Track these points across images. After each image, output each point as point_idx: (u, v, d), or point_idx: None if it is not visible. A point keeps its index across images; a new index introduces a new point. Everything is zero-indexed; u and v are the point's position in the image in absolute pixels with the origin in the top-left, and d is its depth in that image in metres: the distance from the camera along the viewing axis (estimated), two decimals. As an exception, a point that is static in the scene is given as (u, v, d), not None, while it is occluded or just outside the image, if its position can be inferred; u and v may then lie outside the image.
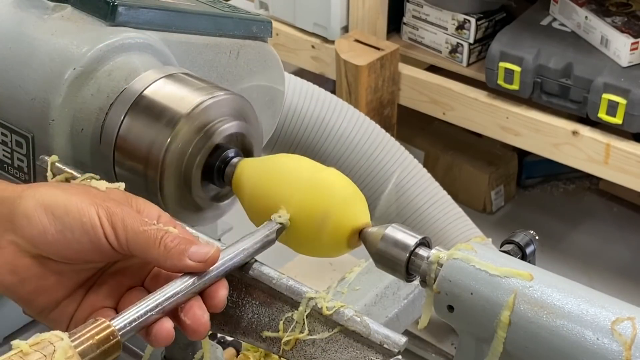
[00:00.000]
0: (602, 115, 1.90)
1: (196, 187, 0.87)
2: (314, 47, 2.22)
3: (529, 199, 2.38)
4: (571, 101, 1.96)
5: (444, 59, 2.19)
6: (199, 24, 0.99)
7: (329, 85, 2.09)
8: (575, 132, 1.95)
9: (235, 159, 0.87)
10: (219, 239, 0.79)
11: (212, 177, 0.87)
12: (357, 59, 2.06)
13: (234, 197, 0.91)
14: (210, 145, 0.86)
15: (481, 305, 0.70)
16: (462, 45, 2.13)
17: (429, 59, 2.22)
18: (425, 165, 1.76)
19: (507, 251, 0.81)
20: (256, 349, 1.06)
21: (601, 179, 2.21)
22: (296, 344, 0.73)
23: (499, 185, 2.32)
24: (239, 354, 1.09)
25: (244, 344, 1.07)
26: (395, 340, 0.70)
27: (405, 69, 2.15)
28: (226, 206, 0.92)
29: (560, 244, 2.21)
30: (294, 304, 0.74)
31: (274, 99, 1.09)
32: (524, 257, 0.81)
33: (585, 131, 1.95)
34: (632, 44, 1.91)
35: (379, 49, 2.10)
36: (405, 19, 2.23)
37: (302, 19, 2.22)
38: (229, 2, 1.14)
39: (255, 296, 0.76)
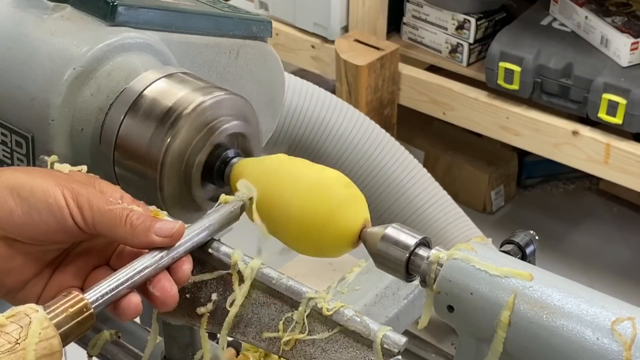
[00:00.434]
0: (602, 115, 1.90)
1: (196, 187, 0.87)
2: (314, 47, 2.22)
3: (529, 199, 2.38)
4: (571, 101, 1.96)
5: (444, 59, 2.19)
6: (199, 24, 0.98)
7: (329, 85, 2.09)
8: (575, 132, 1.95)
9: (235, 159, 0.87)
10: (219, 239, 0.79)
11: (211, 177, 0.87)
12: (357, 59, 2.06)
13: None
14: (210, 145, 0.86)
15: (481, 305, 0.70)
16: (462, 45, 2.13)
17: (429, 59, 2.22)
18: (425, 165, 1.76)
19: (507, 251, 0.81)
20: (256, 349, 1.06)
21: (601, 179, 2.21)
22: (296, 344, 0.73)
23: (499, 185, 2.32)
24: (239, 354, 1.09)
25: (243, 344, 1.07)
26: (395, 340, 0.69)
27: (405, 69, 2.15)
28: (226, 206, 0.92)
29: (560, 244, 2.21)
30: (294, 304, 0.74)
31: (274, 99, 1.09)
32: (524, 257, 0.81)
33: (585, 131, 1.95)
34: (632, 44, 1.92)
35: (379, 49, 2.10)
36: (405, 19, 2.23)
37: (302, 19, 2.22)
38: (229, 2, 1.14)
39: (254, 296, 0.76)
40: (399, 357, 0.69)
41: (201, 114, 0.85)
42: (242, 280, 0.76)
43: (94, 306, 0.68)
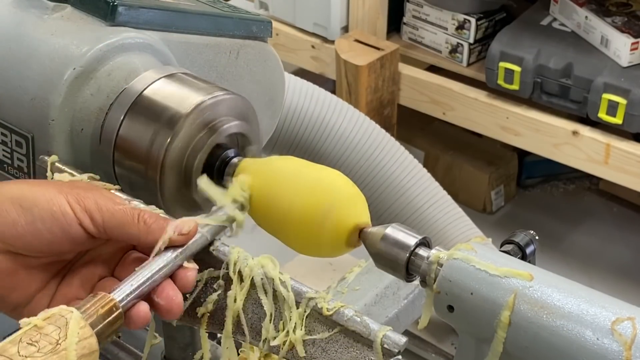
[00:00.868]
0: (602, 115, 1.90)
1: (196, 187, 0.87)
2: (314, 47, 2.22)
3: (529, 199, 2.38)
4: (571, 101, 1.96)
5: (444, 59, 2.19)
6: (199, 24, 0.98)
7: (329, 85, 2.09)
8: (575, 132, 1.95)
9: (235, 159, 0.87)
10: (219, 238, 0.79)
11: (212, 177, 0.87)
12: (357, 59, 2.06)
13: (233, 197, 0.91)
14: (210, 145, 0.86)
15: (481, 305, 0.70)
16: (462, 45, 2.13)
17: (429, 59, 2.22)
18: (425, 165, 1.76)
19: (507, 251, 0.81)
20: (256, 349, 1.06)
21: (601, 179, 2.21)
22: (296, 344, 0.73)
23: (499, 185, 2.32)
24: (239, 354, 1.09)
25: (244, 344, 1.07)
26: (395, 340, 0.70)
27: (405, 69, 2.15)
28: (226, 206, 0.92)
29: (560, 244, 2.21)
30: (294, 304, 0.74)
31: (274, 99, 1.09)
32: (524, 257, 0.81)
33: (585, 131, 1.95)
34: (632, 44, 1.91)
35: (379, 49, 2.10)
36: (405, 19, 2.23)
37: (302, 19, 2.22)
38: (229, 2, 1.14)
39: (254, 296, 0.76)
40: (399, 357, 0.70)
41: (201, 114, 0.85)
42: (241, 279, 0.76)
43: (121, 305, 0.68)
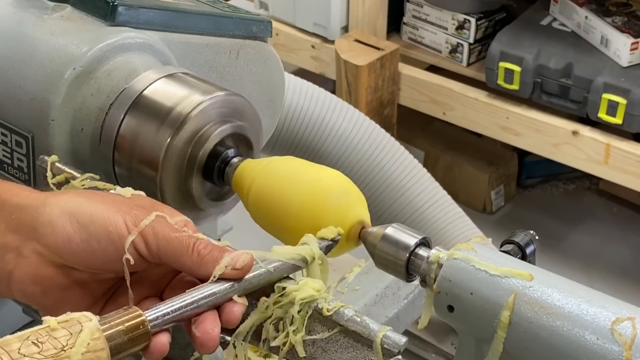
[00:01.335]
0: (602, 115, 1.90)
1: (196, 187, 0.87)
2: (314, 47, 2.22)
3: (529, 199, 2.38)
4: (571, 101, 1.96)
5: (444, 59, 2.18)
6: (199, 24, 0.98)
7: (329, 85, 2.08)
8: (575, 132, 1.95)
9: (235, 159, 0.87)
10: (219, 239, 0.79)
11: (212, 177, 0.87)
12: (357, 59, 2.06)
13: (233, 196, 0.91)
14: (210, 145, 0.86)
15: (481, 305, 0.70)
16: (462, 45, 2.13)
17: (429, 59, 2.22)
18: (425, 165, 1.76)
19: (507, 251, 0.81)
20: (256, 348, 1.06)
21: (601, 179, 2.21)
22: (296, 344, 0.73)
23: (499, 185, 2.32)
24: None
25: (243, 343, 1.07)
26: (395, 340, 0.69)
27: (405, 69, 2.15)
28: (226, 206, 0.92)
29: (560, 244, 2.21)
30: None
31: (274, 99, 1.09)
32: (524, 257, 0.81)
33: (585, 131, 1.95)
34: (632, 44, 1.91)
35: (379, 49, 2.10)
36: (405, 19, 2.23)
37: (302, 19, 2.22)
38: (229, 2, 1.14)
39: (256, 297, 0.76)
40: (399, 357, 0.69)
41: (201, 113, 0.85)
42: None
43: (152, 324, 0.65)
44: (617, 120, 1.88)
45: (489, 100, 2.06)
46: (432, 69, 2.23)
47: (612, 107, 1.88)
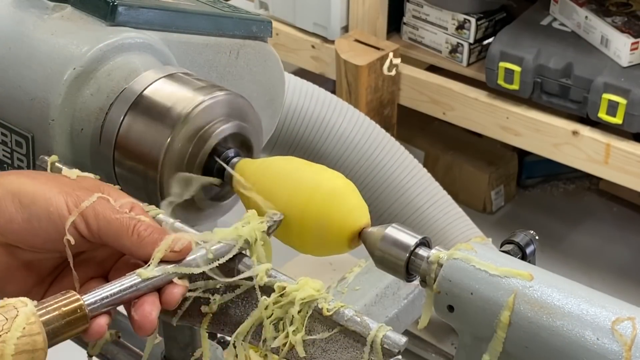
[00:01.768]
0: (602, 115, 1.90)
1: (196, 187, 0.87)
2: (314, 47, 2.22)
3: (529, 199, 2.38)
4: (571, 101, 1.96)
5: (444, 59, 2.19)
6: (199, 24, 0.98)
7: (329, 85, 2.09)
8: (575, 132, 1.95)
9: (235, 159, 0.87)
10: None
11: (212, 177, 0.87)
12: (357, 59, 2.06)
13: (233, 196, 0.91)
14: (210, 145, 0.86)
15: (481, 305, 0.70)
16: (462, 45, 2.13)
17: (429, 58, 2.22)
18: (425, 165, 1.76)
19: (507, 251, 0.81)
20: (256, 348, 1.06)
21: (601, 179, 2.21)
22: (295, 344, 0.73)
23: (499, 185, 2.32)
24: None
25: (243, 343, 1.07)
26: (395, 340, 0.69)
27: (405, 69, 2.15)
28: (226, 206, 0.92)
29: (560, 244, 2.21)
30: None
31: (274, 99, 1.09)
32: (524, 257, 0.81)
33: (585, 131, 1.95)
34: (632, 44, 1.92)
35: (379, 48, 2.10)
36: (405, 19, 2.23)
37: (302, 18, 2.22)
38: (229, 2, 1.14)
39: (255, 296, 0.76)
40: (399, 357, 0.69)
41: (201, 113, 0.85)
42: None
43: (90, 309, 0.66)
44: (617, 120, 1.88)
45: (489, 100, 2.06)
46: (432, 69, 2.23)
47: (612, 107, 1.88)
